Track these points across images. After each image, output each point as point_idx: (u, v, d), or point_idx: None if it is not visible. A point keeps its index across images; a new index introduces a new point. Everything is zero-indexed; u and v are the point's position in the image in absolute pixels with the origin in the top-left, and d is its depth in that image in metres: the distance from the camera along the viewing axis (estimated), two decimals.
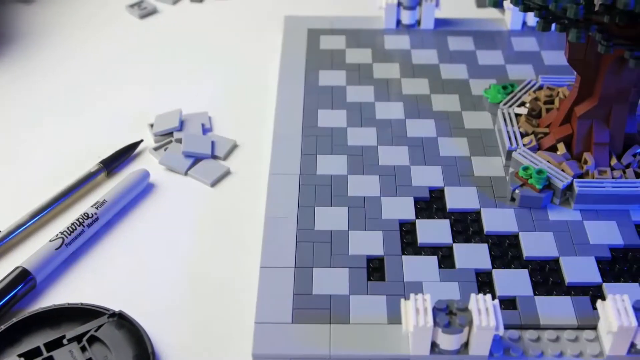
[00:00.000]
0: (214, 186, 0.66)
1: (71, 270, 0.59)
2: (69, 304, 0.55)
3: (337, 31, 0.81)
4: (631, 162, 0.63)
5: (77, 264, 0.60)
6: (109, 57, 0.81)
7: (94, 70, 0.79)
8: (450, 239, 0.59)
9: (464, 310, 0.50)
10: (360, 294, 0.55)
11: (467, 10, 0.88)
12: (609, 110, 0.62)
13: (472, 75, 0.76)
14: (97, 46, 0.83)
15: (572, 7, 0.49)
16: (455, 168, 0.65)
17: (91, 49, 0.82)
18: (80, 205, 0.64)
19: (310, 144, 0.67)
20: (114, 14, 0.88)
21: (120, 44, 0.83)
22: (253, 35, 0.84)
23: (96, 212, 0.61)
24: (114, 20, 0.87)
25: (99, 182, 0.66)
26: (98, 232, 0.62)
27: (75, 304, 0.55)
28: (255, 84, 0.77)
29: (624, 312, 0.50)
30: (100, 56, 0.81)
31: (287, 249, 0.58)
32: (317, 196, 0.63)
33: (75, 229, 0.60)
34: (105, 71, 0.79)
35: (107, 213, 0.62)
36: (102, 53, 0.81)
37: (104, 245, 0.61)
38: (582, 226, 0.61)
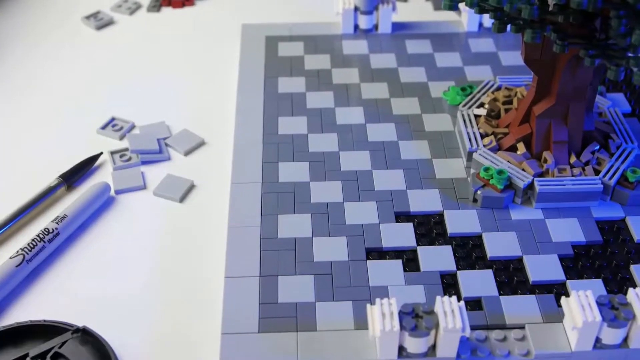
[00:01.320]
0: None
1: (33, 287, 0.58)
2: (31, 321, 0.54)
3: (295, 38, 0.81)
4: (590, 159, 0.64)
5: (38, 281, 0.59)
6: (65, 69, 0.80)
7: (50, 83, 0.78)
8: (414, 242, 0.60)
9: (430, 313, 0.50)
10: (326, 300, 0.55)
11: (424, 13, 0.89)
12: (566, 108, 0.62)
13: (431, 77, 0.76)
14: (53, 58, 0.82)
15: (526, 7, 0.49)
16: (417, 171, 0.65)
17: (47, 62, 0.81)
18: (41, 221, 0.63)
19: (271, 151, 0.67)
20: (70, 26, 0.87)
21: (77, 56, 0.82)
22: (211, 44, 0.84)
23: (57, 227, 0.61)
24: (70, 32, 0.86)
25: (59, 196, 0.66)
26: (59, 247, 0.61)
27: (38, 321, 0.54)
28: (215, 93, 0.77)
29: (588, 307, 0.50)
30: (56, 68, 0.80)
31: (251, 258, 0.58)
32: (279, 204, 0.62)
33: (35, 244, 0.59)
34: (61, 84, 0.78)
35: (68, 228, 0.61)
36: (58, 65, 0.81)
37: (66, 260, 0.60)
38: (544, 224, 0.61)
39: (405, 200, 0.63)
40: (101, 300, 0.57)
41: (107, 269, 0.60)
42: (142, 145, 0.69)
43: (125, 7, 0.89)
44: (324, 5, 0.88)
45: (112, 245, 0.61)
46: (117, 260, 0.60)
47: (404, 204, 0.63)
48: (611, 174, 0.62)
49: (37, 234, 0.60)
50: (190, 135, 0.71)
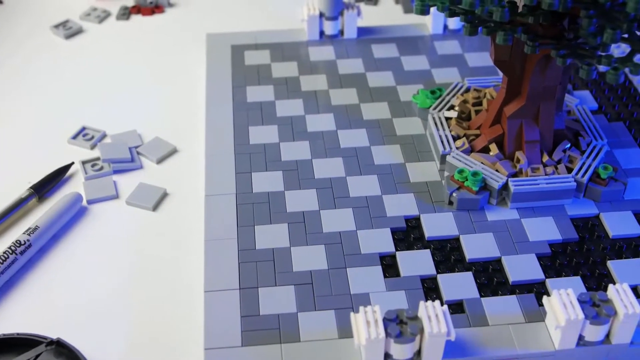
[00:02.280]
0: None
1: (5, 299, 0.57)
2: (4, 334, 0.54)
3: (261, 46, 0.81)
4: (562, 158, 0.64)
5: (11, 293, 0.58)
6: (35, 79, 0.79)
7: (20, 93, 0.77)
8: (392, 247, 0.59)
9: (414, 318, 0.50)
10: (308, 310, 0.55)
11: (389, 17, 0.89)
12: (537, 108, 0.63)
13: (399, 81, 0.76)
14: (22, 68, 0.81)
15: (497, 10, 0.49)
16: (391, 176, 0.65)
17: (16, 72, 0.80)
18: (12, 233, 0.63)
19: (243, 162, 0.67)
20: (39, 36, 0.86)
21: (46, 66, 0.81)
22: (181, 51, 0.83)
23: (29, 238, 0.60)
24: (39, 41, 0.85)
25: (31, 207, 0.65)
26: (32, 259, 0.60)
27: (11, 334, 0.54)
28: (185, 100, 0.76)
29: (570, 306, 0.51)
30: (25, 79, 0.79)
31: (230, 270, 0.57)
32: (255, 215, 0.62)
33: (7, 257, 0.58)
34: (31, 93, 0.77)
35: (40, 239, 0.61)
36: (27, 75, 0.80)
37: (38, 272, 0.59)
38: (521, 224, 0.61)
39: (381, 206, 0.63)
40: (75, 312, 0.56)
41: (80, 280, 0.59)
42: (114, 154, 0.68)
43: (95, 15, 0.88)
44: (289, 12, 0.88)
45: (86, 256, 0.61)
46: (91, 271, 0.60)
47: (379, 209, 0.62)
48: (583, 172, 0.63)
49: (9, 246, 0.59)
50: (161, 143, 0.71)
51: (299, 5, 0.84)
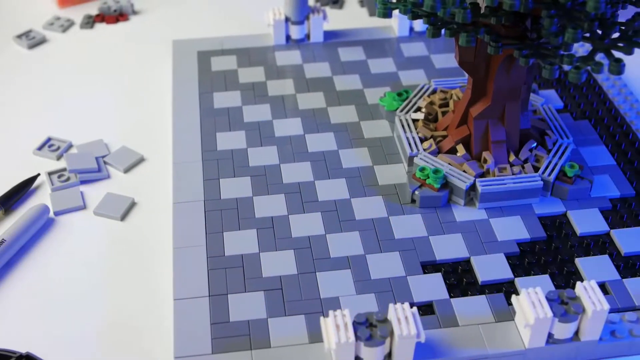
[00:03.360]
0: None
1: None
2: None
3: (227, 51, 0.81)
4: (528, 157, 0.64)
5: None
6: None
7: None
8: (361, 250, 0.59)
9: (384, 321, 0.50)
10: (278, 315, 0.55)
11: (355, 20, 0.89)
12: (502, 108, 0.63)
13: (366, 84, 0.76)
14: None
15: (460, 11, 0.49)
16: (359, 179, 0.65)
17: None
18: None
19: (211, 168, 0.66)
20: (1, 46, 0.85)
21: (10, 76, 0.80)
22: (146, 60, 0.83)
23: None
24: (2, 51, 0.84)
25: None
26: None
27: None
28: (151, 108, 0.76)
29: (539, 304, 0.51)
30: None
31: (199, 278, 0.57)
32: (224, 221, 0.62)
33: None
34: None
35: (7, 252, 0.60)
36: None
37: (6, 286, 0.59)
38: (489, 224, 0.62)
39: (350, 209, 0.63)
40: (45, 325, 0.56)
41: (49, 292, 0.58)
42: (80, 165, 0.68)
43: (58, 24, 0.88)
44: (254, 17, 0.88)
45: (54, 268, 0.60)
46: (60, 283, 0.59)
47: (348, 212, 0.62)
48: (550, 170, 0.63)
49: None
50: (129, 152, 0.70)
51: (265, 10, 0.83)
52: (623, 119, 0.72)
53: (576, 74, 0.50)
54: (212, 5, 0.92)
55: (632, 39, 0.52)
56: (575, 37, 0.50)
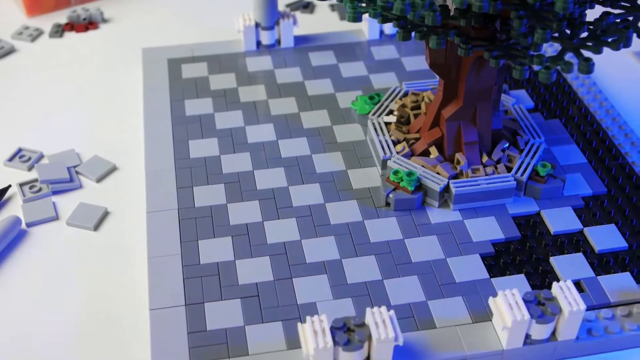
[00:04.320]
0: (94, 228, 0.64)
1: None
2: None
3: (197, 58, 0.80)
4: (501, 157, 0.65)
5: None
6: None
7: None
8: (337, 254, 0.59)
9: (362, 325, 0.50)
10: (256, 323, 0.54)
11: (325, 25, 0.89)
12: (474, 110, 0.63)
13: (338, 88, 0.76)
14: None
15: (429, 14, 0.49)
16: (333, 183, 0.65)
17: None
18: None
19: (184, 176, 0.66)
20: None
21: None
22: (116, 69, 0.82)
23: None
24: None
25: None
26: None
27: None
28: (123, 117, 0.75)
29: (516, 306, 0.51)
30: None
31: (175, 287, 0.57)
32: (198, 229, 0.61)
33: None
34: None
35: None
36: None
37: None
38: (464, 225, 0.62)
39: (325, 214, 0.63)
40: (18, 338, 0.55)
41: (23, 305, 0.58)
42: (52, 175, 0.67)
43: (27, 34, 0.87)
44: (224, 24, 0.87)
45: (27, 280, 0.59)
46: (33, 295, 0.58)
47: (323, 217, 0.62)
48: (522, 170, 0.64)
49: None
50: (100, 161, 0.70)
51: (235, 17, 0.83)
52: (593, 118, 0.72)
53: (546, 73, 0.50)
54: (181, 12, 0.92)
55: (601, 38, 0.52)
56: (544, 37, 0.50)
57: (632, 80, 0.81)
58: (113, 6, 0.92)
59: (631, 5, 0.56)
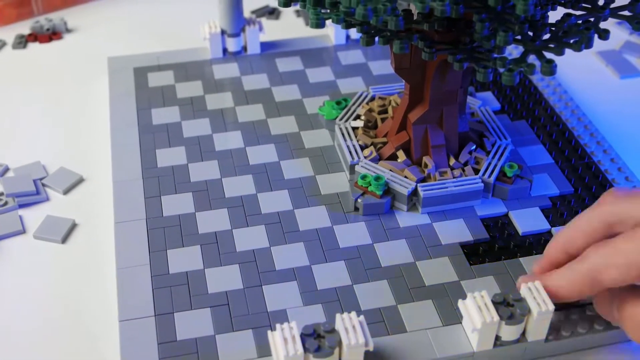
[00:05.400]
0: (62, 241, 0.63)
1: None
2: None
3: (164, 67, 0.80)
4: (468, 160, 0.65)
5: None
6: None
7: None
8: (307, 260, 0.59)
9: (332, 331, 0.50)
10: (226, 332, 0.54)
11: (291, 30, 0.89)
12: (440, 113, 0.63)
13: (305, 94, 0.76)
14: None
15: (392, 19, 0.50)
16: (302, 189, 0.65)
17: None
18: None
19: (152, 185, 0.66)
20: None
21: None
22: (82, 79, 0.81)
23: None
24: None
25: None
26: None
27: None
28: (89, 128, 0.74)
29: (485, 308, 0.51)
30: None
31: (144, 298, 0.56)
32: (167, 239, 0.61)
33: None
34: None
35: None
36: None
37: None
38: (432, 228, 0.62)
39: (294, 220, 0.63)
40: None
41: None
42: (18, 188, 0.67)
43: None
44: (190, 31, 0.87)
45: None
46: (1, 309, 0.58)
47: (292, 223, 0.62)
48: (490, 172, 0.64)
49: None
50: (67, 173, 0.69)
51: (200, 24, 0.83)
52: (559, 118, 0.73)
53: (509, 76, 0.50)
54: (146, 21, 0.91)
55: (562, 40, 0.53)
56: (507, 40, 0.50)
57: (596, 80, 0.82)
58: (77, 16, 0.92)
59: (592, 7, 0.57)
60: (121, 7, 0.94)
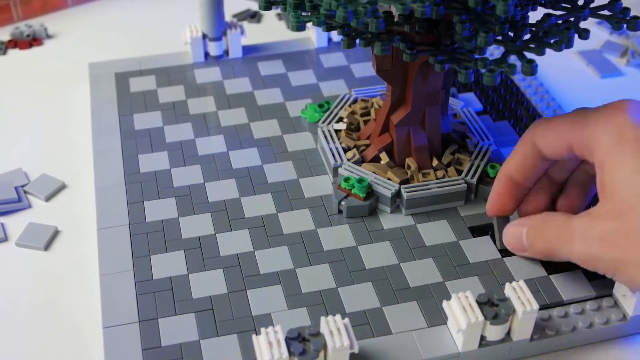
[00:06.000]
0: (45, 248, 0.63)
1: None
2: None
3: (145, 72, 0.80)
4: (451, 161, 0.65)
5: None
6: None
7: None
8: (291, 264, 0.59)
9: (316, 334, 0.50)
10: (210, 337, 0.54)
11: (273, 34, 0.89)
12: (422, 114, 0.64)
13: (287, 97, 0.76)
14: None
15: (373, 21, 0.50)
16: (285, 193, 0.65)
17: None
18: None
19: (135, 191, 0.65)
20: None
21: None
22: (63, 85, 0.81)
23: None
24: None
25: None
26: None
27: None
28: (71, 133, 0.74)
29: (470, 308, 0.51)
30: None
31: (127, 304, 0.56)
32: (150, 244, 0.61)
33: None
34: None
35: None
36: None
37: None
38: (416, 230, 0.62)
39: (277, 224, 0.62)
40: None
41: None
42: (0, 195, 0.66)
43: None
44: (171, 36, 0.87)
45: None
46: None
47: (276, 227, 0.62)
48: (473, 172, 0.64)
49: None
50: (49, 179, 0.69)
51: (181, 28, 0.83)
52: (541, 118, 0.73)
53: (490, 76, 0.51)
54: (127, 26, 0.91)
55: (543, 40, 0.53)
56: (487, 40, 0.50)
57: (578, 80, 0.82)
58: (57, 22, 0.91)
59: (572, 7, 0.57)
60: (102, 12, 0.94)
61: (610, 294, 0.57)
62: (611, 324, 0.55)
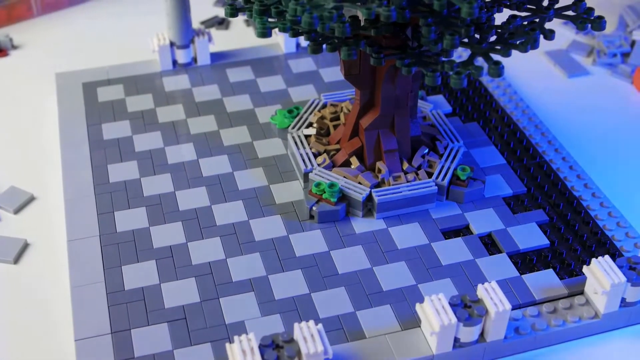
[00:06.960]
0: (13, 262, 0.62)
1: None
2: None
3: (113, 81, 0.79)
4: (421, 163, 0.65)
5: None
6: None
7: None
8: (263, 271, 0.59)
9: (290, 341, 0.50)
10: (184, 346, 0.54)
11: (241, 40, 0.88)
12: (391, 118, 0.64)
13: (257, 103, 0.76)
14: None
15: (339, 26, 0.50)
16: (256, 200, 0.65)
17: None
18: None
19: (105, 201, 0.65)
20: None
21: None
22: (29, 96, 0.80)
23: None
24: None
25: None
26: None
27: None
28: (39, 145, 0.73)
29: (443, 310, 0.51)
30: None
31: (99, 315, 0.56)
32: (121, 255, 0.60)
33: None
34: None
35: None
36: None
37: None
38: (388, 233, 0.62)
39: (249, 231, 0.62)
40: None
41: None
42: None
43: None
44: (139, 44, 0.86)
45: None
46: None
47: (247, 234, 0.62)
48: (443, 175, 0.64)
49: None
50: (17, 191, 0.68)
51: (149, 36, 0.82)
52: (510, 119, 0.73)
53: (457, 79, 0.51)
54: (94, 35, 0.90)
55: (509, 42, 0.53)
56: (453, 43, 0.50)
57: (546, 80, 0.83)
58: (22, 32, 0.91)
59: (536, 8, 0.57)
60: (68, 22, 0.93)
61: (582, 292, 0.57)
62: (584, 322, 0.55)
